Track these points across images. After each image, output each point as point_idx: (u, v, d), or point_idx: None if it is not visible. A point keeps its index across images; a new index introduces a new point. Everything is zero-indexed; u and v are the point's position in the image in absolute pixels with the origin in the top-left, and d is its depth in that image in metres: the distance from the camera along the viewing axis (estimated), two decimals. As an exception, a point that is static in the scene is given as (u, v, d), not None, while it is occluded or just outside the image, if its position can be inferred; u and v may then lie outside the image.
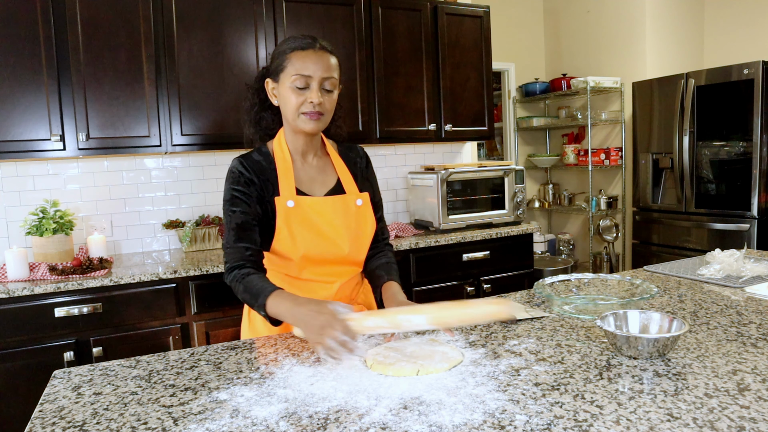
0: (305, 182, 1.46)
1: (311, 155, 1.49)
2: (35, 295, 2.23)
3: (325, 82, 1.37)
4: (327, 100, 1.38)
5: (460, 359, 1.12)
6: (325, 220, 1.42)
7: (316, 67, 1.35)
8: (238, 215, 1.38)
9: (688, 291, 1.62)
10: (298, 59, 1.35)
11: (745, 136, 3.47)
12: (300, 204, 1.41)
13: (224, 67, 2.79)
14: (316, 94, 1.35)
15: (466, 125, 3.44)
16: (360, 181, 1.53)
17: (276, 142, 1.46)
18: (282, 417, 0.92)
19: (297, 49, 1.36)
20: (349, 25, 3.05)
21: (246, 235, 1.38)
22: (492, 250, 3.15)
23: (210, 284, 2.49)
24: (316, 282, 1.46)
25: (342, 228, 1.43)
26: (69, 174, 2.86)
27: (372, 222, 1.51)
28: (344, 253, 1.44)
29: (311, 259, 1.42)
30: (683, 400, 0.92)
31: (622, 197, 4.65)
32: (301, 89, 1.36)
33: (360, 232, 1.48)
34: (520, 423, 0.86)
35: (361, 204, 1.49)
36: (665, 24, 4.44)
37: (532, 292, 1.66)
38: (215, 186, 3.16)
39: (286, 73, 1.36)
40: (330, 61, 1.38)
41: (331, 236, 1.42)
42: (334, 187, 1.49)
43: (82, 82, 2.53)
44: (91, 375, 1.16)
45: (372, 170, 1.60)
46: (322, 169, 1.50)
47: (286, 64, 1.37)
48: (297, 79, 1.35)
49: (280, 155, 1.44)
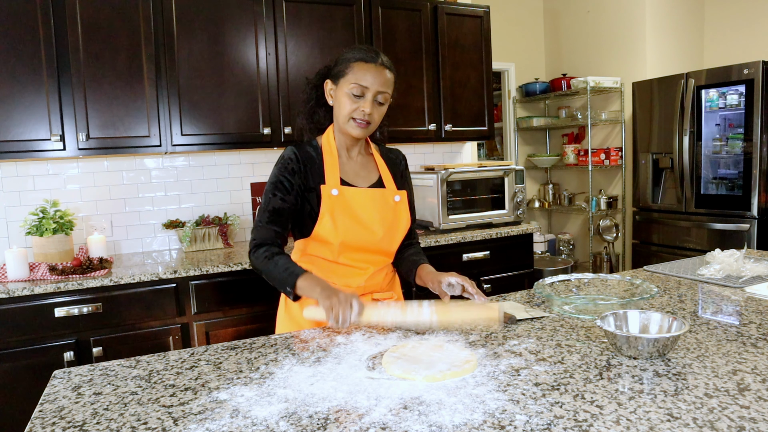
0: (350, 174, 1.58)
1: (356, 152, 1.62)
2: (35, 295, 2.23)
3: (379, 95, 1.48)
4: (377, 111, 1.50)
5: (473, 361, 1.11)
6: (365, 210, 1.54)
7: (374, 81, 1.46)
8: (278, 200, 1.51)
9: (688, 291, 1.62)
10: (359, 69, 1.47)
11: (745, 136, 3.47)
12: (343, 193, 1.53)
13: (224, 67, 2.79)
14: (369, 104, 1.47)
15: (466, 125, 3.44)
16: (399, 181, 1.66)
17: (325, 138, 1.58)
18: (282, 417, 0.92)
19: (361, 60, 1.47)
20: (349, 25, 3.05)
21: (279, 220, 1.51)
22: (492, 250, 3.15)
23: (210, 284, 2.49)
24: (351, 267, 1.57)
25: (378, 219, 1.55)
26: (69, 174, 2.86)
27: (407, 218, 1.63)
28: (378, 239, 1.55)
29: (349, 245, 1.53)
30: (683, 400, 0.92)
31: (622, 197, 4.65)
32: (356, 96, 1.47)
33: (395, 225, 1.59)
34: (520, 423, 0.86)
35: (398, 200, 1.61)
36: (665, 24, 4.44)
37: (532, 292, 1.66)
38: (215, 186, 3.16)
39: (346, 80, 1.48)
40: (387, 77, 1.49)
41: (368, 224, 1.54)
42: (376, 182, 1.61)
43: (82, 82, 2.53)
44: (91, 375, 1.16)
45: (409, 174, 1.73)
46: (365, 165, 1.63)
47: (347, 71, 1.48)
48: (355, 87, 1.46)
49: (327, 149, 1.56)
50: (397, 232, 1.60)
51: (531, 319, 1.40)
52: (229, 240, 3.03)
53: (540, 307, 1.51)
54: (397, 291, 1.73)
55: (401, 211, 1.61)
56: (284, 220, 1.52)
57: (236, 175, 3.21)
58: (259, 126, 2.87)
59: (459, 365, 1.08)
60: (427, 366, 1.08)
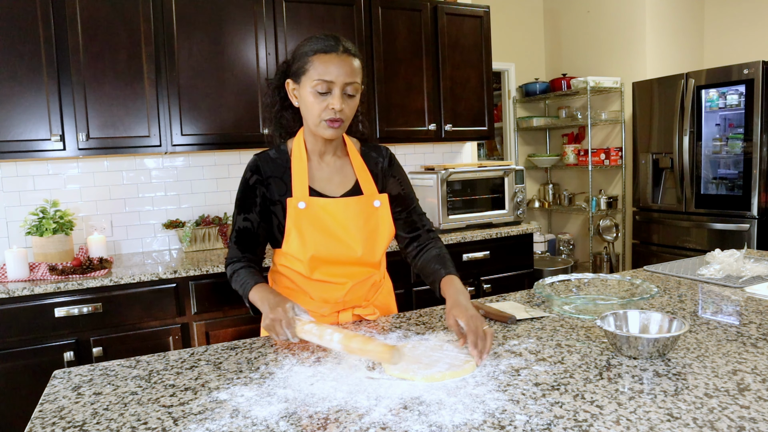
0: (321, 182, 1.45)
1: (330, 155, 1.48)
2: (35, 295, 2.23)
3: (347, 87, 1.33)
4: (348, 105, 1.35)
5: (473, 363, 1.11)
6: (338, 222, 1.41)
7: (339, 72, 1.31)
8: (242, 221, 1.43)
9: (688, 291, 1.62)
10: (320, 63, 1.31)
11: (745, 136, 3.47)
12: (312, 205, 1.40)
13: (224, 67, 2.79)
14: (338, 100, 1.32)
15: (466, 125, 3.44)
16: (381, 182, 1.51)
17: (296, 142, 1.46)
18: (282, 417, 0.92)
19: (319, 52, 1.32)
20: (349, 25, 3.05)
21: (244, 240, 1.43)
22: (492, 250, 3.15)
23: (210, 284, 2.49)
24: (327, 282, 1.46)
25: (355, 230, 1.42)
26: (69, 174, 2.86)
27: (390, 224, 1.49)
28: (357, 256, 1.43)
29: (322, 260, 1.42)
30: (683, 400, 0.92)
31: (622, 197, 4.65)
32: (322, 94, 1.32)
33: (376, 234, 1.46)
34: (520, 423, 0.86)
35: (379, 205, 1.46)
36: (665, 24, 4.44)
37: (532, 292, 1.66)
38: (215, 186, 3.16)
39: (308, 77, 1.33)
40: (353, 65, 1.34)
41: (343, 238, 1.41)
42: (352, 188, 1.47)
43: (82, 82, 2.53)
44: (91, 375, 1.16)
45: (397, 167, 1.57)
46: (340, 170, 1.48)
47: (308, 67, 1.33)
48: (318, 84, 1.31)
49: (297, 155, 1.43)
50: (379, 241, 1.47)
51: (531, 319, 1.40)
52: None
53: (540, 307, 1.51)
54: (386, 301, 1.60)
55: (383, 216, 1.47)
56: (250, 239, 1.43)
57: (236, 175, 3.20)
58: (259, 126, 2.87)
59: (459, 365, 1.08)
60: (427, 366, 1.08)
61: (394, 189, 1.53)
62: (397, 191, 1.53)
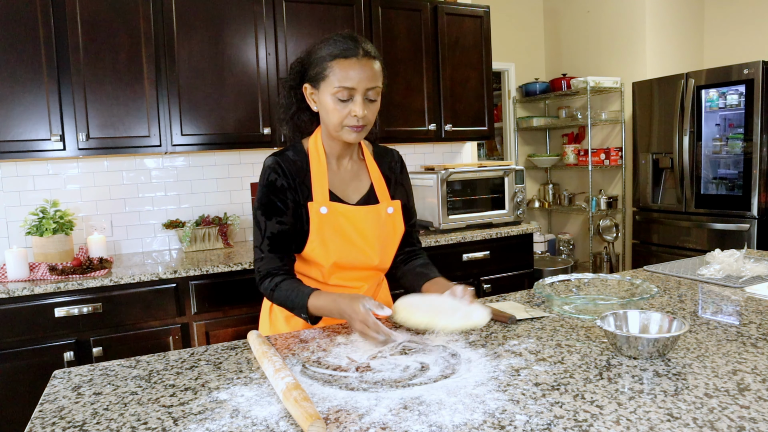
0: (339, 186, 1.43)
1: (347, 159, 1.46)
2: (35, 295, 2.23)
3: (369, 92, 1.30)
4: (370, 110, 1.33)
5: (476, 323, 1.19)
6: (357, 229, 1.40)
7: (361, 78, 1.27)
8: (274, 224, 1.36)
9: (688, 291, 1.62)
10: (340, 69, 1.27)
11: (745, 136, 3.47)
12: (333, 211, 1.38)
13: (224, 67, 2.79)
14: (360, 107, 1.29)
15: (466, 125, 3.44)
16: (393, 187, 1.51)
17: (312, 142, 1.42)
18: (282, 417, 0.92)
19: (339, 57, 1.28)
20: (349, 25, 3.05)
21: (281, 245, 1.37)
22: (492, 250, 3.15)
23: (210, 284, 2.49)
24: (344, 287, 1.46)
25: (373, 237, 1.41)
26: (69, 174, 2.86)
27: (401, 229, 1.49)
28: (374, 264, 1.44)
29: (341, 266, 1.41)
30: (683, 400, 0.92)
31: (622, 197, 4.65)
32: (343, 101, 1.29)
33: (389, 240, 1.47)
34: (520, 423, 0.86)
35: (392, 212, 1.46)
36: (665, 24, 4.44)
37: (532, 292, 1.66)
38: (215, 186, 3.16)
39: (328, 83, 1.29)
40: (374, 69, 1.30)
41: (361, 245, 1.41)
42: (367, 193, 1.46)
43: (82, 82, 2.53)
44: (91, 375, 1.16)
45: (406, 175, 1.57)
46: (356, 174, 1.47)
47: (327, 72, 1.29)
48: (340, 91, 1.28)
49: (315, 157, 1.40)
50: (391, 247, 1.48)
51: (531, 319, 1.40)
52: (229, 240, 3.03)
53: (540, 307, 1.51)
54: (386, 298, 1.63)
55: (395, 223, 1.48)
56: (286, 243, 1.37)
57: (236, 175, 3.20)
58: (259, 126, 2.87)
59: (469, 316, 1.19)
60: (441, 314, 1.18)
61: (402, 199, 1.53)
62: (404, 202, 1.54)
